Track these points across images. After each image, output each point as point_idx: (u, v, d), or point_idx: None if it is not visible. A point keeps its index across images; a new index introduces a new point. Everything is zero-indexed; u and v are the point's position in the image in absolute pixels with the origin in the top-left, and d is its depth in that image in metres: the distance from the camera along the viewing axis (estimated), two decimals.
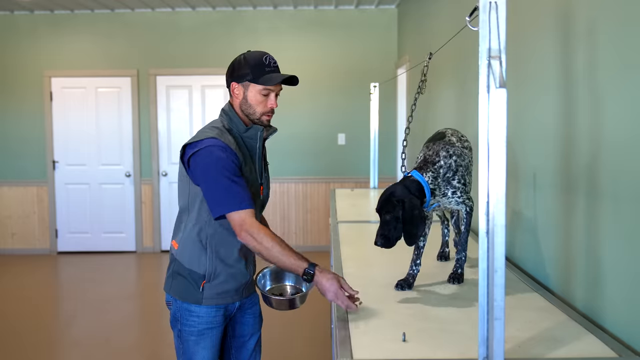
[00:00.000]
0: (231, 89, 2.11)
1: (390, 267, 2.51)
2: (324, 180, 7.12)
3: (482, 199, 1.38)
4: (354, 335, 1.73)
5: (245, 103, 2.09)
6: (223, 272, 2.12)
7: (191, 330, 2.14)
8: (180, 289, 2.15)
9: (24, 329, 4.66)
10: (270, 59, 2.09)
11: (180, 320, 2.16)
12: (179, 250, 2.15)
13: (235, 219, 1.96)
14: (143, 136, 7.19)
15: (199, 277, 2.11)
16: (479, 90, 1.36)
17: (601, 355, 1.59)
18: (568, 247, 2.10)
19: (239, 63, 2.09)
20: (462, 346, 1.65)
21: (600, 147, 1.84)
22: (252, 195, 2.10)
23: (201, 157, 2.00)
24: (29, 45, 7.12)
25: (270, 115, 2.13)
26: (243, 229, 1.95)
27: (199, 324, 2.13)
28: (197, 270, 2.11)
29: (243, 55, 2.10)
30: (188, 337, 2.14)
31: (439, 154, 2.14)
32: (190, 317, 2.13)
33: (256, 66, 2.05)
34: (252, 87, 2.06)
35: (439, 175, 2.10)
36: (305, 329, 4.55)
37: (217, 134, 2.04)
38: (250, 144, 2.14)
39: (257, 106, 2.08)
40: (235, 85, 2.10)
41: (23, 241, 7.28)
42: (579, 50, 2.00)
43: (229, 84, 2.12)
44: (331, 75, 7.03)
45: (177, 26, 7.08)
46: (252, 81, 2.05)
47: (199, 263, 2.10)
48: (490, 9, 1.34)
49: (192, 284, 2.11)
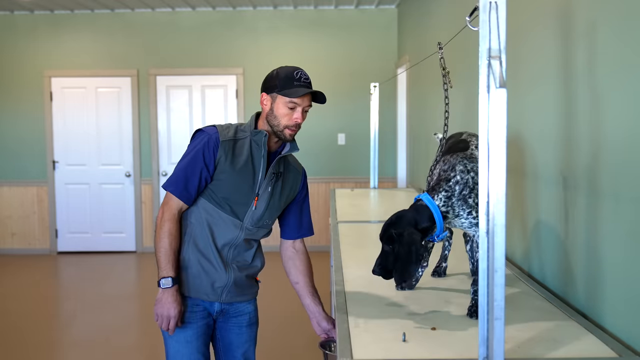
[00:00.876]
0: (261, 99, 2.16)
1: None
2: (323, 180, 7.12)
3: (482, 198, 1.38)
4: (354, 335, 1.73)
5: (271, 114, 2.11)
6: (196, 264, 2.16)
7: None
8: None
9: (24, 329, 4.66)
10: (302, 74, 2.10)
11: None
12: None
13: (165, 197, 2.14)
14: (143, 136, 7.19)
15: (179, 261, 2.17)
16: (479, 90, 1.36)
17: (601, 355, 1.59)
18: (568, 247, 2.10)
19: (271, 75, 2.14)
20: (462, 346, 1.64)
21: (601, 147, 1.84)
22: (238, 200, 2.12)
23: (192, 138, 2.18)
24: (29, 45, 7.12)
25: (295, 129, 2.12)
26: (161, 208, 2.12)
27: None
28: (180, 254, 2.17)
29: (277, 69, 2.14)
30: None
31: (455, 168, 1.91)
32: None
33: (286, 79, 2.07)
34: (279, 99, 2.08)
35: (453, 194, 1.87)
36: (305, 329, 4.55)
37: (221, 125, 2.17)
38: (256, 149, 2.15)
39: (282, 118, 2.09)
40: (265, 96, 2.13)
41: (23, 241, 7.28)
42: (579, 49, 2.00)
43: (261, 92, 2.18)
44: (331, 75, 7.03)
45: (177, 26, 7.08)
46: (279, 92, 2.08)
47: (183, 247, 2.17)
48: (490, 9, 1.34)
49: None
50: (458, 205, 1.88)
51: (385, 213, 3.90)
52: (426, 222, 1.86)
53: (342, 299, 2.10)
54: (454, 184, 1.88)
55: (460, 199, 1.88)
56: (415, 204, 1.91)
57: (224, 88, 7.15)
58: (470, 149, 2.02)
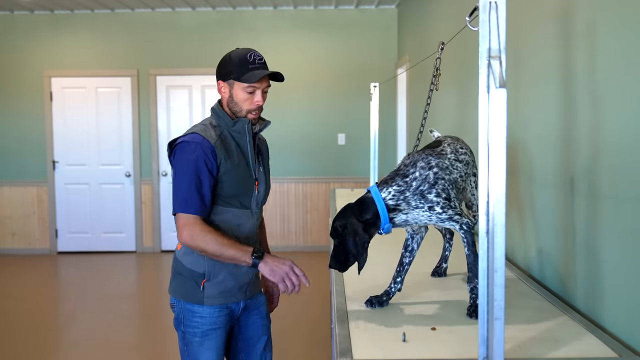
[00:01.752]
0: (218, 87, 2.11)
1: (390, 268, 2.51)
2: (323, 180, 7.12)
3: (482, 198, 1.38)
4: (354, 335, 1.73)
5: (231, 101, 2.08)
6: (222, 270, 2.10)
7: (195, 331, 2.11)
8: (182, 289, 2.14)
9: (23, 329, 4.66)
10: (255, 56, 2.06)
11: (183, 321, 2.14)
12: (181, 251, 2.14)
13: (178, 219, 2.01)
14: (143, 136, 7.19)
15: (199, 276, 2.10)
16: (479, 90, 1.36)
17: (601, 355, 1.59)
18: (568, 247, 2.10)
19: (224, 61, 2.09)
20: (462, 346, 1.65)
21: (601, 147, 1.84)
22: (244, 191, 2.11)
23: (176, 153, 2.04)
24: (29, 45, 7.12)
25: (257, 112, 2.10)
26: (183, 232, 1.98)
27: (202, 324, 2.11)
28: (196, 269, 2.10)
29: (229, 53, 2.10)
30: (192, 339, 2.12)
31: (417, 164, 1.93)
32: (194, 317, 2.11)
33: (240, 63, 2.03)
34: (237, 85, 2.05)
35: (408, 189, 1.89)
36: (305, 329, 4.55)
37: (200, 129, 2.05)
38: (240, 138, 2.12)
39: (243, 104, 2.07)
40: (222, 84, 2.09)
41: (23, 241, 7.28)
42: (579, 50, 2.00)
43: (216, 80, 2.12)
44: (331, 75, 7.03)
45: (177, 26, 7.08)
46: (236, 79, 2.04)
47: (198, 262, 2.09)
48: (490, 9, 1.34)
49: (193, 284, 2.10)
50: (414, 200, 1.89)
51: None
52: (369, 214, 1.88)
53: (342, 299, 2.10)
54: (411, 180, 1.90)
55: (416, 194, 1.89)
56: (364, 196, 1.93)
57: None
58: (441, 146, 2.05)
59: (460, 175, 1.99)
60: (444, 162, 1.94)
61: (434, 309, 1.98)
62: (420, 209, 1.90)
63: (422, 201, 1.89)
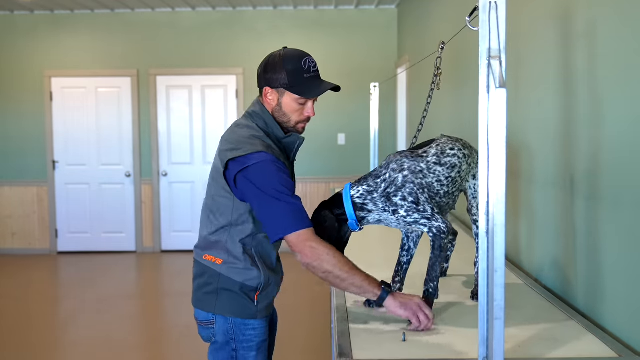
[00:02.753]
0: (264, 93, 1.92)
1: (390, 268, 2.51)
2: (324, 180, 7.12)
3: (482, 198, 1.38)
4: (354, 335, 1.73)
5: (279, 110, 1.91)
6: (272, 281, 1.99)
7: (250, 345, 1.98)
8: (233, 306, 1.96)
9: (23, 329, 4.66)
10: (309, 62, 1.89)
11: (235, 338, 1.97)
12: (226, 266, 1.95)
13: (292, 239, 1.79)
14: (143, 136, 7.19)
15: (252, 290, 1.95)
16: (479, 90, 1.36)
17: (601, 355, 1.59)
18: (568, 247, 2.10)
19: (274, 65, 1.88)
20: (462, 346, 1.65)
21: (601, 147, 1.84)
22: None
23: (253, 174, 1.80)
24: (29, 45, 7.12)
25: (306, 122, 1.95)
26: (305, 251, 1.77)
27: (256, 337, 1.98)
28: (250, 283, 1.94)
29: (280, 54, 1.89)
30: (248, 354, 1.97)
31: (389, 166, 1.90)
32: (247, 331, 1.97)
33: (294, 72, 1.85)
34: (288, 95, 1.87)
35: (377, 190, 1.89)
36: (305, 329, 4.55)
37: (264, 147, 1.83)
38: (286, 150, 1.98)
39: (293, 114, 1.90)
40: (269, 91, 1.90)
41: (23, 241, 7.28)
42: (579, 50, 2.00)
43: (261, 86, 1.93)
44: (331, 75, 6.96)
45: (177, 26, 7.08)
46: (288, 89, 1.86)
47: (252, 275, 1.94)
48: (490, 9, 1.34)
49: (246, 299, 1.95)
50: (381, 202, 1.89)
51: None
52: (339, 209, 1.92)
53: (342, 299, 2.10)
54: (381, 182, 1.89)
55: (383, 196, 1.88)
56: (338, 192, 1.96)
57: (224, 88, 7.15)
58: (429, 147, 1.97)
59: (438, 180, 1.91)
60: (419, 166, 1.89)
61: (434, 309, 1.98)
62: (387, 212, 1.89)
63: (387, 204, 1.88)
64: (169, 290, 5.78)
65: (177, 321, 4.83)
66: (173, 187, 7.23)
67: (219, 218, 1.94)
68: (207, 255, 1.97)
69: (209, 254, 1.97)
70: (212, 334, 1.99)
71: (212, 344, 2.01)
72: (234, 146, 1.85)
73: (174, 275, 6.29)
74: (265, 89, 1.92)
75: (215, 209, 1.95)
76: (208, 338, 2.02)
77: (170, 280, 6.16)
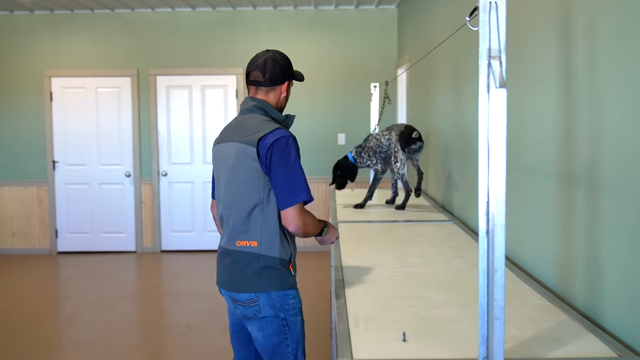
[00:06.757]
0: (284, 86, 2.27)
1: (390, 268, 2.51)
2: (324, 180, 7.11)
3: (482, 198, 1.38)
4: (354, 335, 1.73)
5: (285, 98, 2.29)
6: (296, 251, 2.24)
7: (296, 310, 2.19)
8: (275, 280, 2.15)
9: (23, 329, 4.66)
10: None
11: (282, 308, 2.16)
12: (263, 246, 2.15)
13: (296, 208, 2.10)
14: (143, 136, 7.19)
15: (287, 262, 2.17)
16: (479, 90, 1.37)
17: (601, 355, 1.59)
18: (568, 247, 2.10)
19: (287, 61, 2.28)
20: (462, 346, 1.65)
21: (601, 146, 1.84)
22: None
23: (282, 145, 2.10)
24: (29, 45, 7.12)
25: None
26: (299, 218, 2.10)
27: (296, 303, 2.20)
28: (285, 257, 2.16)
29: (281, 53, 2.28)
30: (295, 319, 2.20)
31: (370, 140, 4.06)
32: (289, 300, 2.17)
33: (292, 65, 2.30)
34: (289, 84, 2.30)
35: (363, 150, 4.04)
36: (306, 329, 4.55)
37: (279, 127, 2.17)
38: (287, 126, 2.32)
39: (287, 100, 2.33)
40: (289, 83, 2.29)
41: (23, 241, 7.28)
42: (579, 49, 2.00)
43: (279, 82, 2.25)
44: (331, 75, 7.03)
45: (177, 26, 7.08)
46: (295, 78, 2.32)
47: (286, 249, 2.16)
48: (490, 9, 1.34)
49: (285, 271, 2.16)
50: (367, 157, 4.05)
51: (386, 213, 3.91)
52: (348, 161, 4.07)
53: (342, 299, 2.11)
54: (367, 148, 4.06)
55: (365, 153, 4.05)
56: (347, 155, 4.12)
57: (224, 88, 7.15)
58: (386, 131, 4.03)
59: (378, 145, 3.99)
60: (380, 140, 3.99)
61: (433, 308, 1.98)
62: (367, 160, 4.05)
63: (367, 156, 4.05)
64: (169, 290, 5.78)
65: (177, 321, 4.83)
66: (173, 187, 7.23)
67: (251, 197, 2.14)
68: (240, 241, 2.17)
69: (242, 239, 2.16)
70: (256, 310, 2.16)
71: (259, 320, 2.17)
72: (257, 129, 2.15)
73: (174, 275, 6.29)
74: (285, 82, 2.28)
75: (246, 190, 2.14)
76: (253, 314, 2.17)
77: (170, 280, 6.15)
